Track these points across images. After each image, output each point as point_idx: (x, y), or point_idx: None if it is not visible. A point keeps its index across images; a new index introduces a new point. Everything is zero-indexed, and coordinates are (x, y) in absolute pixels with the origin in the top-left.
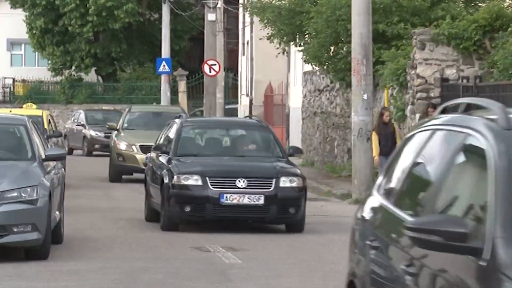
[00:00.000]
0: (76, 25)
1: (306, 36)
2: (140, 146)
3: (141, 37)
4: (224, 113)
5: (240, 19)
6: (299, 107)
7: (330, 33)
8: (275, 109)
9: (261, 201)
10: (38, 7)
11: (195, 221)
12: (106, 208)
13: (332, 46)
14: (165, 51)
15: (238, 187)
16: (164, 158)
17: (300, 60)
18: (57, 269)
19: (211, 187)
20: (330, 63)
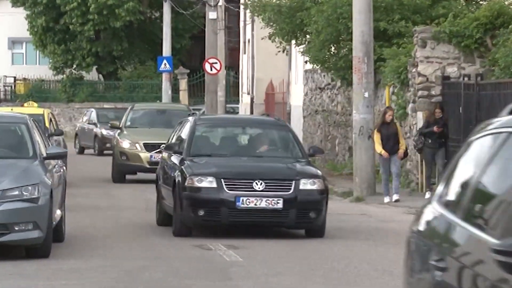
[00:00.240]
0: (77, 24)
1: (307, 35)
2: (144, 144)
3: (142, 36)
4: (225, 112)
5: (241, 17)
6: (300, 105)
7: (331, 32)
8: (276, 107)
9: (280, 205)
10: (39, 6)
11: (209, 226)
12: (107, 207)
13: (333, 45)
14: (166, 50)
15: (255, 190)
16: (177, 159)
17: (301, 58)
18: (58, 268)
19: (226, 190)
20: (331, 62)
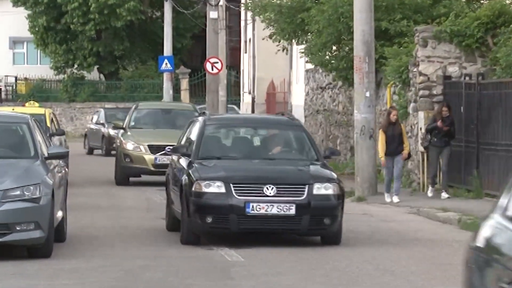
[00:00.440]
0: (78, 23)
1: (308, 35)
2: (149, 146)
3: (143, 35)
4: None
5: (242, 17)
6: (302, 105)
7: (332, 32)
8: (277, 107)
9: (292, 211)
10: (40, 5)
11: (218, 234)
12: (109, 207)
13: (334, 45)
14: (167, 49)
15: (266, 195)
16: (185, 161)
17: (302, 57)
18: (59, 267)
19: (236, 195)
20: (333, 63)
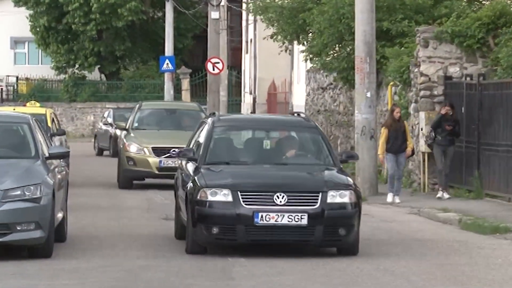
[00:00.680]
0: (80, 23)
1: (309, 35)
2: (153, 149)
3: (145, 35)
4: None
5: (244, 17)
6: (303, 105)
7: (333, 32)
8: (279, 107)
9: (304, 221)
10: (42, 6)
11: (224, 246)
12: (109, 207)
13: (335, 46)
14: (169, 49)
15: (276, 204)
16: (192, 167)
17: (303, 60)
18: (60, 267)
19: (243, 204)
20: (334, 63)
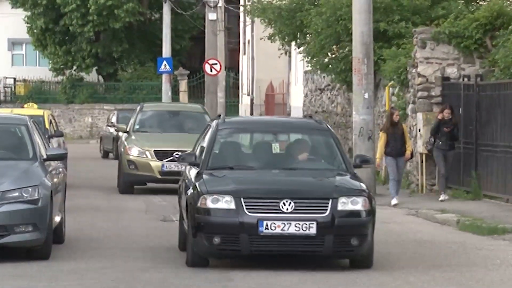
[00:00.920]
0: (77, 25)
1: (307, 37)
2: (155, 152)
3: (142, 37)
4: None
5: (241, 18)
6: (300, 106)
7: (331, 34)
8: (276, 108)
9: (313, 230)
10: (39, 7)
11: (227, 257)
12: (107, 208)
13: (333, 47)
14: (166, 51)
15: (283, 212)
16: (194, 172)
17: (301, 61)
18: (58, 269)
19: (247, 212)
20: (331, 65)
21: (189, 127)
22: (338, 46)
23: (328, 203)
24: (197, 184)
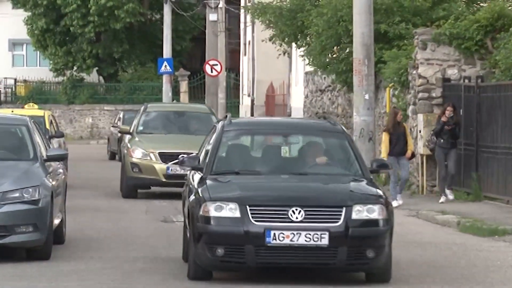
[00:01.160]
0: (78, 26)
1: (308, 37)
2: (160, 154)
3: (143, 37)
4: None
5: (242, 19)
6: (301, 107)
7: (331, 35)
8: (277, 109)
9: (325, 241)
10: (40, 7)
11: (231, 269)
12: (107, 209)
13: (334, 48)
14: (167, 51)
15: (292, 221)
16: (197, 177)
17: (302, 61)
18: (58, 270)
19: (253, 221)
20: (332, 66)
21: (195, 128)
22: (339, 47)
23: (342, 211)
24: (200, 190)
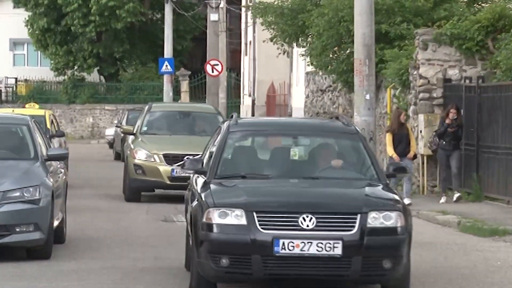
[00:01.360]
0: (79, 25)
1: (309, 38)
2: (164, 156)
3: (144, 37)
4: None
5: (243, 19)
6: (302, 107)
7: (332, 35)
8: (278, 109)
9: (338, 250)
10: (41, 7)
11: (237, 281)
12: (108, 208)
13: (335, 48)
14: (168, 51)
15: (302, 228)
16: (200, 181)
17: (302, 60)
18: (59, 269)
19: (261, 229)
20: (333, 66)
21: (201, 129)
22: (340, 47)
23: (356, 219)
24: (203, 195)
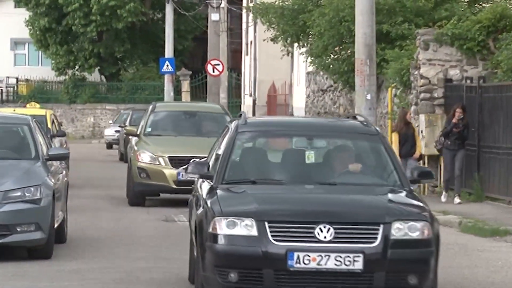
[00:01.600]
0: (80, 25)
1: (310, 38)
2: (170, 158)
3: (145, 37)
4: None
5: (244, 19)
6: (303, 107)
7: (333, 35)
8: (278, 109)
9: (359, 265)
10: (42, 7)
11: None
12: (109, 208)
13: (336, 48)
14: (169, 51)
15: (319, 240)
16: (206, 187)
17: (304, 62)
18: (60, 269)
19: (273, 240)
20: (334, 66)
21: (208, 130)
22: (341, 47)
23: (379, 230)
24: (209, 203)
